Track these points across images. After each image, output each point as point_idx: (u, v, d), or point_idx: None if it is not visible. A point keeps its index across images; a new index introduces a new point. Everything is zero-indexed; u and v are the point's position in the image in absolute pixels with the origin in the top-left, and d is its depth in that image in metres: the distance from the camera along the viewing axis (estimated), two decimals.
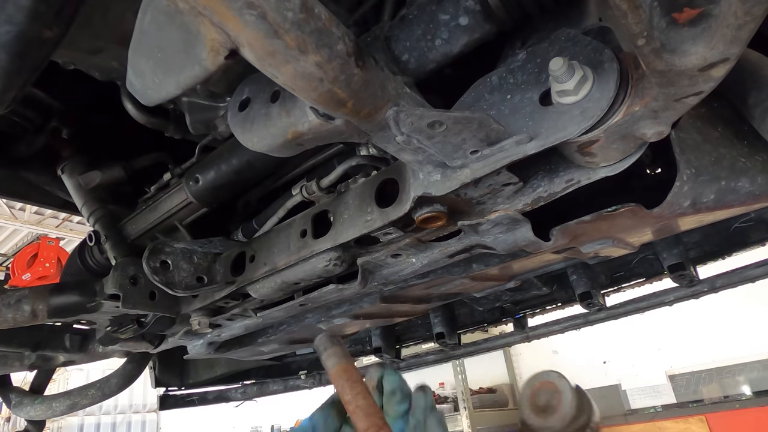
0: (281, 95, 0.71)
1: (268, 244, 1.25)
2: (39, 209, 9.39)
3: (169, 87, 0.59)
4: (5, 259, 10.95)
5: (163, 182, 1.41)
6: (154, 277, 1.24)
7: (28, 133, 1.59)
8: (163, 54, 0.56)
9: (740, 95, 0.86)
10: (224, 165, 1.25)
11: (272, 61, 0.52)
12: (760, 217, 1.70)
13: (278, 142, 0.74)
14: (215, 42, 0.51)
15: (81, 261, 1.70)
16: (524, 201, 0.92)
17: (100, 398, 2.15)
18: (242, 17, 0.46)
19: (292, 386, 2.81)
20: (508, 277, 1.53)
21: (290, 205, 1.24)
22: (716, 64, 0.52)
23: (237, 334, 1.68)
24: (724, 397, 6.19)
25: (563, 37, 0.70)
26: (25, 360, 1.90)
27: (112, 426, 11.61)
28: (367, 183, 1.06)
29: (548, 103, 0.70)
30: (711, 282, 1.83)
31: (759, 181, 0.88)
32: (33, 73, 0.80)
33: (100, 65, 1.05)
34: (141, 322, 1.55)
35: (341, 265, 1.13)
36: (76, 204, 1.58)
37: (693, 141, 0.86)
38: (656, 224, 1.06)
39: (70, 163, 1.58)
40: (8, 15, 0.66)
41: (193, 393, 2.79)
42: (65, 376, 10.42)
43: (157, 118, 1.30)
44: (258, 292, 1.30)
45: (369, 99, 0.63)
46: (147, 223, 1.47)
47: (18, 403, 2.11)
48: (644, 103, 0.65)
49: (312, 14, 0.50)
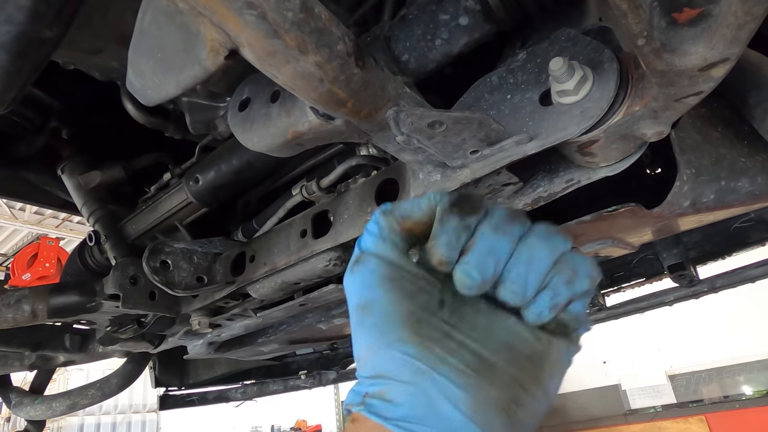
0: (281, 95, 0.71)
1: (268, 244, 1.25)
2: (39, 209, 9.39)
3: (169, 87, 0.59)
4: (5, 259, 10.95)
5: (163, 182, 1.41)
6: (154, 277, 1.24)
7: (28, 133, 1.59)
8: (163, 54, 0.56)
9: (740, 95, 0.85)
10: (224, 165, 1.25)
11: (272, 61, 0.52)
12: (760, 217, 1.70)
13: (278, 142, 0.74)
14: (215, 42, 0.51)
15: (81, 261, 1.70)
16: (524, 201, 0.92)
17: (100, 398, 2.15)
18: (242, 17, 0.46)
19: (292, 386, 2.81)
20: None
21: (290, 205, 1.24)
22: (716, 64, 0.52)
23: (237, 334, 1.68)
24: (724, 397, 6.20)
25: (563, 37, 0.70)
26: (25, 360, 1.90)
27: (112, 426, 11.62)
28: (367, 183, 1.06)
29: (548, 103, 0.70)
30: (711, 282, 1.83)
31: (759, 181, 0.88)
32: (33, 73, 0.80)
33: (100, 65, 1.05)
34: (141, 322, 1.55)
35: (341, 265, 1.13)
36: (76, 204, 1.59)
37: (693, 141, 0.86)
38: (656, 224, 1.06)
39: (70, 163, 1.58)
40: (8, 15, 0.66)
41: (193, 393, 2.79)
42: (65, 376, 10.43)
43: (157, 118, 1.30)
44: (258, 292, 1.30)
45: (369, 99, 0.63)
46: (147, 223, 1.47)
47: (18, 403, 2.11)
48: (644, 103, 0.65)
49: (312, 14, 0.50)
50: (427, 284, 0.49)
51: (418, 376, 0.44)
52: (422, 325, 0.46)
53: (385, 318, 0.47)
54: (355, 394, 0.46)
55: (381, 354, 0.46)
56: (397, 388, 0.44)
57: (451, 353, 0.45)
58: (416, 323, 0.46)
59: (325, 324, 1.62)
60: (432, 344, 0.45)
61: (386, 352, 0.46)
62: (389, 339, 0.46)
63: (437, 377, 0.43)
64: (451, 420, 0.42)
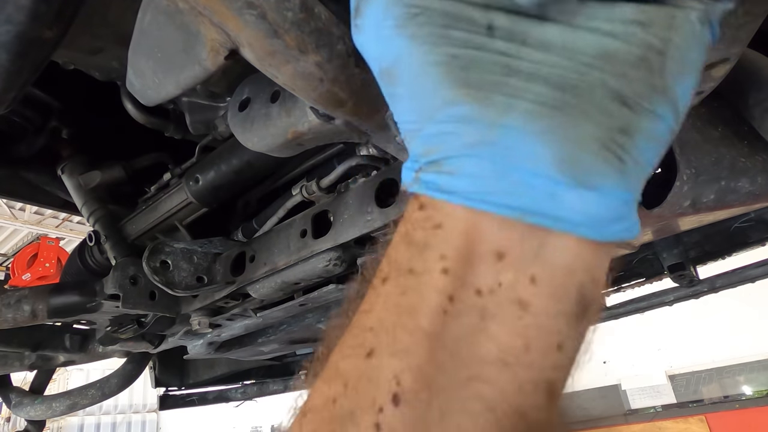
0: (281, 95, 0.71)
1: (268, 244, 1.25)
2: (39, 209, 9.39)
3: (169, 87, 0.59)
4: (5, 259, 10.95)
5: (163, 182, 1.41)
6: (154, 277, 1.24)
7: (28, 133, 1.59)
8: (163, 54, 0.56)
9: (740, 95, 0.85)
10: (224, 165, 1.25)
11: (272, 61, 0.52)
12: (760, 217, 1.70)
13: (278, 142, 0.74)
14: (215, 42, 0.51)
15: (81, 261, 1.70)
16: None
17: (100, 398, 2.15)
18: (242, 17, 0.46)
19: (292, 386, 2.81)
20: None
21: (290, 205, 1.25)
22: (716, 64, 0.52)
23: (237, 334, 1.68)
24: (724, 397, 6.20)
25: None
26: (25, 360, 1.90)
27: (112, 426, 11.62)
28: (367, 183, 1.06)
29: None
30: (711, 282, 1.83)
31: (759, 181, 0.88)
32: (33, 73, 0.80)
33: (100, 65, 1.05)
34: (141, 322, 1.55)
35: (341, 265, 1.13)
36: (76, 204, 1.58)
37: (693, 141, 0.86)
38: (656, 224, 1.06)
39: (70, 163, 1.58)
40: (8, 15, 0.66)
41: (193, 393, 2.79)
42: (65, 376, 10.42)
43: (157, 118, 1.30)
44: (258, 292, 1.30)
45: (369, 99, 0.63)
46: (147, 223, 1.47)
47: (18, 403, 2.11)
48: None
49: (312, 14, 0.50)
50: (463, 6, 0.33)
51: (479, 142, 0.31)
52: (470, 70, 0.32)
53: (418, 81, 0.34)
54: (408, 171, 0.34)
55: (428, 130, 0.33)
56: (458, 159, 0.32)
57: (519, 94, 0.31)
58: (461, 71, 0.32)
59: (325, 324, 1.62)
60: (489, 92, 0.31)
61: (433, 127, 0.33)
62: (431, 109, 0.33)
63: (505, 132, 0.31)
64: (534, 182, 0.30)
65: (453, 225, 0.32)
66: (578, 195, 0.30)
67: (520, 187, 0.30)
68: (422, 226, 0.34)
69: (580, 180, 0.30)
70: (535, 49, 0.32)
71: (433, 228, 0.33)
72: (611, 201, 0.30)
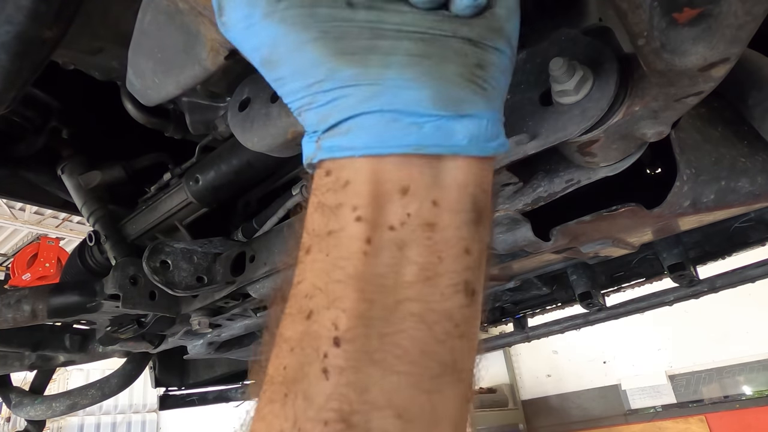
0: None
1: (268, 244, 1.25)
2: (39, 209, 9.39)
3: (169, 87, 0.59)
4: (5, 259, 10.95)
5: (163, 182, 1.41)
6: (154, 277, 1.24)
7: (28, 133, 1.59)
8: (163, 54, 0.56)
9: (740, 95, 0.85)
10: (224, 165, 1.25)
11: None
12: (760, 217, 1.70)
13: (278, 142, 0.74)
14: (215, 42, 0.51)
15: (81, 261, 1.70)
16: (524, 201, 0.92)
17: (100, 398, 2.15)
18: None
19: None
20: (508, 277, 1.53)
21: (290, 205, 1.25)
22: (716, 64, 0.52)
23: (237, 334, 1.68)
24: (724, 397, 6.19)
25: (563, 37, 0.70)
26: (25, 360, 1.90)
27: (112, 426, 11.61)
28: None
29: (548, 103, 0.70)
30: (711, 282, 1.83)
31: (759, 181, 0.88)
32: (33, 73, 0.80)
33: (100, 65, 1.05)
34: (141, 322, 1.55)
35: None
36: (76, 204, 1.58)
37: (693, 141, 0.86)
38: (656, 224, 1.06)
39: (70, 163, 1.58)
40: (8, 15, 0.66)
41: (193, 393, 2.79)
42: (65, 376, 10.41)
43: (157, 118, 1.30)
44: (258, 292, 1.30)
45: None
46: (147, 223, 1.47)
47: (18, 403, 2.11)
48: (644, 103, 0.65)
49: None
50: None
51: (366, 99, 0.36)
52: (344, 40, 0.36)
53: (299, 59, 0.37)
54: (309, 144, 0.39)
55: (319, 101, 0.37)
56: (353, 118, 0.36)
57: (390, 52, 0.36)
58: (336, 42, 0.36)
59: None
60: (365, 54, 0.36)
61: (323, 97, 0.37)
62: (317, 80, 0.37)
63: (387, 85, 0.36)
64: (421, 120, 0.35)
65: (359, 177, 0.36)
66: (459, 122, 0.36)
67: (411, 127, 0.35)
68: (332, 189, 0.37)
69: (457, 110, 0.36)
70: (393, 13, 0.37)
71: (343, 187, 0.37)
72: (485, 122, 0.37)
